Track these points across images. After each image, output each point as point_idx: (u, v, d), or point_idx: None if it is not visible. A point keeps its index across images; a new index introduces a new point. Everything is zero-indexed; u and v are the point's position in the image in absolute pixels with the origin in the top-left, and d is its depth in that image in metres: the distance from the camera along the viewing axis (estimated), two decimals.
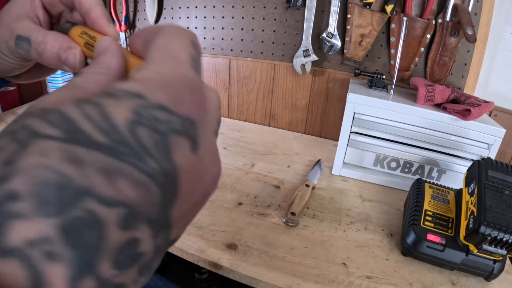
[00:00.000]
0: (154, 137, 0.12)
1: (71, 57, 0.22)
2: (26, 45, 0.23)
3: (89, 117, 0.11)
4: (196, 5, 1.00)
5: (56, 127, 0.11)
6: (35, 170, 0.10)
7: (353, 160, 0.75)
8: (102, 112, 0.11)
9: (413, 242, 0.49)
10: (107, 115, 0.11)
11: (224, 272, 0.48)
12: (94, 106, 0.12)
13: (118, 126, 0.11)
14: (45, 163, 0.10)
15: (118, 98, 0.12)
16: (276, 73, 0.98)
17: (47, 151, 0.10)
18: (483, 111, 0.62)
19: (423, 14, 0.76)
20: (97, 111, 0.11)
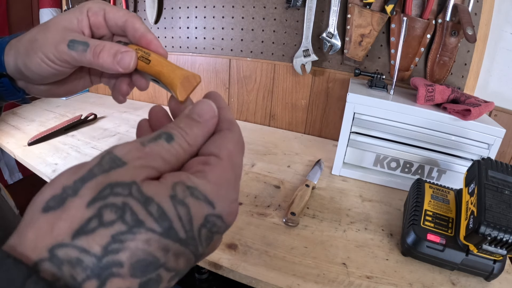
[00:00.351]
0: (208, 235, 0.17)
1: (127, 57, 0.25)
2: (82, 47, 0.25)
3: (181, 218, 0.16)
4: (196, 5, 1.00)
5: (158, 224, 0.15)
6: (138, 252, 0.15)
7: (353, 160, 0.75)
8: (188, 215, 0.16)
9: (413, 242, 0.49)
10: (191, 219, 0.16)
11: (224, 272, 0.48)
12: (185, 208, 0.16)
13: (193, 227, 0.16)
14: (147, 250, 0.15)
15: (198, 201, 0.17)
16: (276, 73, 0.98)
17: (150, 242, 0.15)
18: (483, 111, 0.61)
19: (423, 14, 0.76)
20: (186, 214, 0.16)
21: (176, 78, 0.24)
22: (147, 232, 0.15)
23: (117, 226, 0.15)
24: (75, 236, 0.14)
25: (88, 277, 0.14)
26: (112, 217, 0.15)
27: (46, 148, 0.81)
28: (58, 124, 0.90)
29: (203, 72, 1.08)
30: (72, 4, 1.14)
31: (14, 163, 1.17)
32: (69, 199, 0.15)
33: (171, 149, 0.18)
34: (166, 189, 0.16)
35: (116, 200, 0.15)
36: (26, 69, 0.27)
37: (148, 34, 0.27)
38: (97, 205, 0.15)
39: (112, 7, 0.28)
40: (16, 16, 1.12)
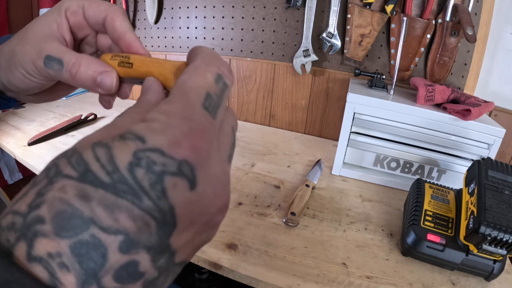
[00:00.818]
0: (150, 178, 0.14)
1: (107, 80, 0.23)
2: (57, 66, 0.23)
3: (99, 159, 0.14)
4: (196, 5, 1.00)
5: (74, 169, 0.14)
6: (55, 202, 0.13)
7: (353, 160, 0.75)
8: (109, 155, 0.14)
9: (413, 242, 0.49)
10: (112, 157, 0.14)
11: (224, 272, 0.48)
12: (105, 148, 0.14)
13: (119, 167, 0.13)
14: (62, 197, 0.13)
15: (126, 140, 0.14)
16: (276, 73, 0.98)
17: (65, 188, 0.13)
18: (483, 111, 0.62)
19: (423, 14, 0.76)
20: (105, 154, 0.14)
21: (167, 73, 0.22)
22: (62, 178, 0.13)
23: (42, 182, 0.14)
24: (14, 203, 0.14)
25: (18, 238, 0.13)
26: (41, 176, 0.14)
27: (46, 148, 0.81)
28: (58, 124, 0.90)
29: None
30: None
31: (14, 163, 1.17)
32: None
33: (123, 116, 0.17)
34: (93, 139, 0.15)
35: (50, 163, 0.15)
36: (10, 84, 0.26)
37: (127, 35, 0.24)
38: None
39: (91, 2, 0.25)
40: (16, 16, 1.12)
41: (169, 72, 0.22)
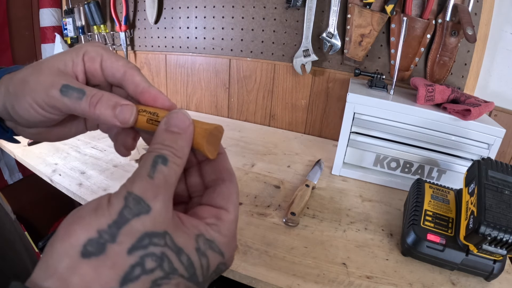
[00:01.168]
0: (213, 277, 0.21)
1: (127, 111, 0.23)
2: (77, 94, 0.23)
3: (202, 267, 0.20)
4: (196, 5, 1.00)
5: (187, 271, 0.19)
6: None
7: (353, 160, 0.75)
8: (207, 264, 0.20)
9: (413, 242, 0.49)
10: (208, 267, 0.20)
11: (224, 272, 0.48)
12: (206, 259, 0.20)
13: (209, 273, 0.20)
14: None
15: (215, 253, 0.20)
16: (276, 73, 0.98)
17: (179, 285, 0.18)
18: (483, 111, 0.61)
19: (423, 14, 0.76)
20: (205, 264, 0.20)
21: (200, 137, 0.22)
22: (178, 277, 0.18)
23: (157, 273, 0.17)
24: (123, 283, 0.16)
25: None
26: (153, 265, 0.17)
27: (46, 148, 0.81)
28: None
29: (203, 72, 1.08)
30: (72, 4, 1.15)
31: (14, 163, 1.17)
32: (108, 245, 0.16)
33: (170, 170, 0.20)
34: (192, 241, 0.19)
35: (155, 250, 0.17)
36: (14, 112, 0.24)
37: (151, 89, 0.24)
38: (139, 253, 0.17)
39: (110, 55, 0.25)
40: (16, 16, 1.12)
41: (201, 137, 0.22)
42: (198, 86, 1.10)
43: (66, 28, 1.16)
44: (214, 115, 1.12)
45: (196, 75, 1.09)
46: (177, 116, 0.21)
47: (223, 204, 0.22)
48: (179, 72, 1.12)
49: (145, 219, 0.17)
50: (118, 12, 1.10)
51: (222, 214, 0.22)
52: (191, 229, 0.20)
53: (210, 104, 1.11)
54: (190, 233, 0.20)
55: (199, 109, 1.14)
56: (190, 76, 1.11)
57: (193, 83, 1.11)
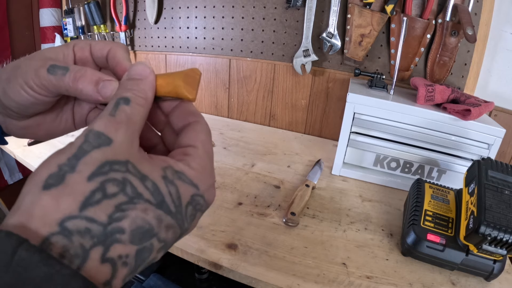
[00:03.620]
0: (193, 212, 0.21)
1: (109, 87, 0.24)
2: (61, 71, 0.24)
3: (171, 195, 0.19)
4: (196, 5, 1.00)
5: (153, 196, 0.18)
6: (137, 219, 0.17)
7: (353, 160, 0.75)
8: (177, 194, 0.19)
9: (413, 242, 0.49)
10: (179, 196, 0.20)
11: (224, 272, 0.48)
12: (174, 187, 0.19)
13: (182, 203, 0.20)
14: (144, 217, 0.18)
15: (185, 184, 0.20)
16: (276, 73, 0.98)
17: (147, 211, 0.18)
18: (483, 111, 0.61)
19: (423, 14, 0.76)
20: (175, 192, 0.19)
21: (176, 80, 0.23)
22: (145, 202, 0.18)
23: (120, 197, 0.17)
24: (82, 208, 0.16)
25: (95, 244, 0.16)
26: (114, 189, 0.17)
27: (46, 148, 0.81)
28: None
29: (203, 72, 1.08)
30: (72, 4, 1.15)
31: (14, 163, 1.17)
32: (68, 175, 0.16)
33: (132, 109, 0.20)
34: (158, 170, 0.19)
35: (116, 175, 0.17)
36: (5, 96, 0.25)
37: (125, 62, 0.26)
38: (99, 179, 0.17)
39: (97, 41, 0.27)
40: (16, 16, 1.12)
41: (178, 79, 0.23)
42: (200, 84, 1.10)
43: (66, 28, 1.16)
44: (214, 115, 1.12)
45: None
46: (137, 67, 0.23)
47: (190, 142, 0.22)
48: None
49: (105, 150, 0.17)
50: (118, 12, 1.10)
51: (189, 150, 0.22)
52: (158, 162, 0.20)
53: (210, 104, 1.11)
54: (157, 164, 0.20)
55: (199, 109, 1.13)
56: None
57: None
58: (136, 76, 0.22)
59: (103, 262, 0.16)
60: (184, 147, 0.22)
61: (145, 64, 0.23)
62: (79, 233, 0.15)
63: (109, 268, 0.16)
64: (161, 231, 0.18)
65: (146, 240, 0.18)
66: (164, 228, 0.18)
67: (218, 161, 0.79)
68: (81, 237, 0.15)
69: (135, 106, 0.20)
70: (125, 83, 0.22)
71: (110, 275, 0.16)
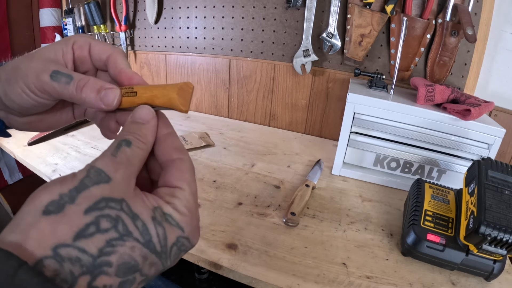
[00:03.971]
0: (176, 252, 0.22)
1: (111, 94, 0.25)
2: (65, 79, 0.24)
3: (158, 236, 0.20)
4: (196, 5, 1.00)
5: (142, 236, 0.19)
6: (125, 256, 0.18)
7: (353, 160, 0.75)
8: (164, 235, 0.20)
9: (413, 242, 0.49)
10: (166, 238, 0.21)
11: (224, 272, 0.48)
12: (162, 228, 0.20)
13: (168, 244, 0.21)
14: (131, 254, 0.19)
15: (172, 226, 0.21)
16: (276, 73, 0.98)
17: (134, 249, 0.19)
18: (483, 111, 0.61)
19: (423, 14, 0.76)
20: (162, 233, 0.20)
21: (171, 92, 0.24)
22: (133, 241, 0.19)
23: (111, 233, 0.18)
24: (76, 238, 0.17)
25: (84, 272, 0.17)
26: (107, 225, 0.18)
27: (46, 148, 0.81)
28: None
29: (203, 72, 1.08)
30: (72, 4, 1.15)
31: (14, 163, 1.17)
32: (67, 205, 0.18)
33: (132, 152, 0.22)
34: (148, 211, 0.20)
35: (111, 212, 0.19)
36: (6, 98, 0.26)
37: (128, 70, 0.27)
38: (94, 214, 0.18)
39: (97, 42, 0.28)
40: (16, 16, 1.12)
41: (172, 92, 0.24)
42: (198, 86, 1.10)
43: (66, 28, 1.16)
44: (214, 115, 1.12)
45: (196, 75, 1.09)
46: (141, 111, 0.24)
47: (175, 183, 0.23)
48: (179, 72, 1.12)
49: (104, 187, 0.19)
50: (118, 12, 1.10)
51: (176, 192, 0.22)
52: (150, 201, 0.21)
53: (210, 104, 1.11)
54: (149, 204, 0.21)
55: (199, 109, 1.14)
56: (190, 76, 1.11)
57: (193, 83, 1.11)
58: (139, 120, 0.24)
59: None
60: (171, 187, 0.23)
61: (149, 109, 0.24)
62: (70, 261, 0.17)
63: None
64: (145, 267, 0.20)
65: (130, 274, 0.19)
66: (148, 265, 0.20)
67: (218, 161, 0.79)
68: (72, 264, 0.17)
69: (136, 149, 0.22)
70: (128, 126, 0.23)
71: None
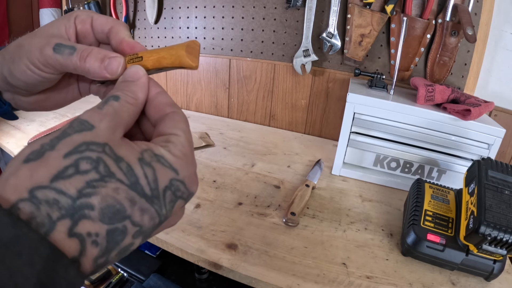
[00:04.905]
0: (172, 198, 0.20)
1: (115, 63, 0.25)
2: (68, 50, 0.24)
3: (147, 177, 0.19)
4: (196, 5, 1.00)
5: (126, 177, 0.18)
6: (108, 198, 0.17)
7: (353, 160, 0.75)
8: (154, 176, 0.19)
9: (413, 242, 0.49)
10: (156, 179, 0.19)
11: (224, 272, 0.48)
12: (151, 169, 0.19)
13: (159, 187, 0.19)
14: (115, 197, 0.17)
15: (165, 167, 0.20)
16: (276, 73, 0.98)
17: (118, 190, 0.18)
18: (483, 111, 0.61)
19: (423, 14, 0.76)
20: (151, 174, 0.19)
21: (179, 50, 0.24)
22: (116, 182, 0.18)
23: (91, 174, 0.17)
24: (54, 180, 0.16)
25: (63, 216, 0.16)
26: (87, 167, 0.17)
27: None
28: (58, 124, 0.90)
29: (203, 72, 1.08)
30: (72, 4, 1.14)
31: None
32: (47, 152, 0.17)
33: (120, 106, 0.21)
34: (135, 153, 0.19)
35: (91, 154, 0.18)
36: (11, 77, 0.26)
37: (130, 39, 0.27)
38: (74, 157, 0.17)
39: (99, 15, 0.28)
40: (16, 16, 1.12)
41: (180, 50, 0.24)
42: (198, 86, 1.10)
43: None
44: (214, 115, 1.12)
45: (196, 75, 1.09)
46: (131, 69, 0.24)
47: (171, 131, 0.22)
48: (179, 72, 1.12)
49: (86, 134, 0.18)
50: (118, 12, 1.10)
51: (171, 137, 0.22)
52: (139, 146, 0.20)
53: (210, 104, 1.11)
54: (136, 148, 0.20)
55: (199, 109, 1.14)
56: (190, 76, 1.11)
57: (193, 83, 1.11)
58: (129, 79, 0.23)
59: (71, 236, 0.16)
60: (166, 135, 0.22)
61: (138, 67, 0.24)
62: (47, 203, 0.16)
63: (76, 243, 0.16)
64: (135, 213, 0.18)
65: (118, 221, 0.17)
66: (138, 211, 0.18)
67: (218, 161, 0.79)
68: (49, 207, 0.16)
69: (124, 103, 0.21)
70: (118, 84, 0.23)
71: (78, 251, 0.16)
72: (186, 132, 0.23)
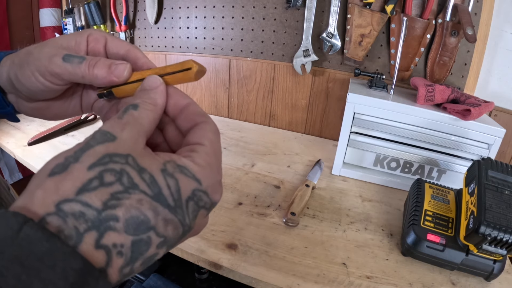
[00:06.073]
0: (195, 208, 0.20)
1: (121, 66, 0.25)
2: (77, 60, 0.25)
3: (170, 187, 0.19)
4: (196, 5, 1.00)
5: (149, 188, 0.18)
6: (132, 209, 0.17)
7: (353, 160, 0.75)
8: (177, 187, 0.19)
9: (413, 242, 0.49)
10: (179, 190, 0.19)
11: (224, 272, 0.48)
12: (174, 180, 0.19)
13: (182, 198, 0.19)
14: (139, 208, 0.18)
15: (187, 178, 0.20)
16: (276, 73, 0.98)
17: (142, 202, 0.18)
18: (483, 111, 0.61)
19: (423, 14, 0.76)
20: (174, 185, 0.19)
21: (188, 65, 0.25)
22: (140, 193, 0.18)
23: (115, 186, 0.17)
24: (79, 192, 0.17)
25: (89, 228, 0.16)
26: (111, 179, 0.18)
27: (46, 148, 0.81)
28: (58, 124, 0.90)
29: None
30: (72, 4, 1.14)
31: (14, 163, 1.17)
32: (71, 164, 0.17)
33: (140, 113, 0.21)
34: (158, 164, 0.20)
35: (115, 166, 0.18)
36: (17, 81, 0.26)
37: (150, 63, 0.27)
38: (98, 169, 0.17)
39: (113, 37, 0.28)
40: (16, 16, 1.12)
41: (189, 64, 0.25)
42: (198, 86, 1.10)
43: (66, 28, 1.15)
44: (214, 115, 1.12)
45: None
46: (148, 79, 0.24)
47: (197, 140, 0.22)
48: None
49: (109, 145, 0.19)
50: (118, 12, 1.10)
51: (196, 147, 0.22)
52: (161, 157, 0.20)
53: (210, 104, 1.11)
54: (159, 159, 0.20)
55: None
56: None
57: (193, 83, 1.11)
58: (147, 87, 0.24)
59: (98, 248, 0.16)
60: (192, 145, 0.22)
61: (155, 77, 0.24)
62: (74, 216, 0.16)
63: (103, 254, 0.16)
64: (159, 224, 0.18)
65: (142, 232, 0.18)
66: (162, 222, 0.18)
67: None
68: (75, 219, 0.16)
69: (143, 110, 0.22)
70: (136, 94, 0.24)
71: (104, 262, 0.16)
72: (213, 141, 0.23)
